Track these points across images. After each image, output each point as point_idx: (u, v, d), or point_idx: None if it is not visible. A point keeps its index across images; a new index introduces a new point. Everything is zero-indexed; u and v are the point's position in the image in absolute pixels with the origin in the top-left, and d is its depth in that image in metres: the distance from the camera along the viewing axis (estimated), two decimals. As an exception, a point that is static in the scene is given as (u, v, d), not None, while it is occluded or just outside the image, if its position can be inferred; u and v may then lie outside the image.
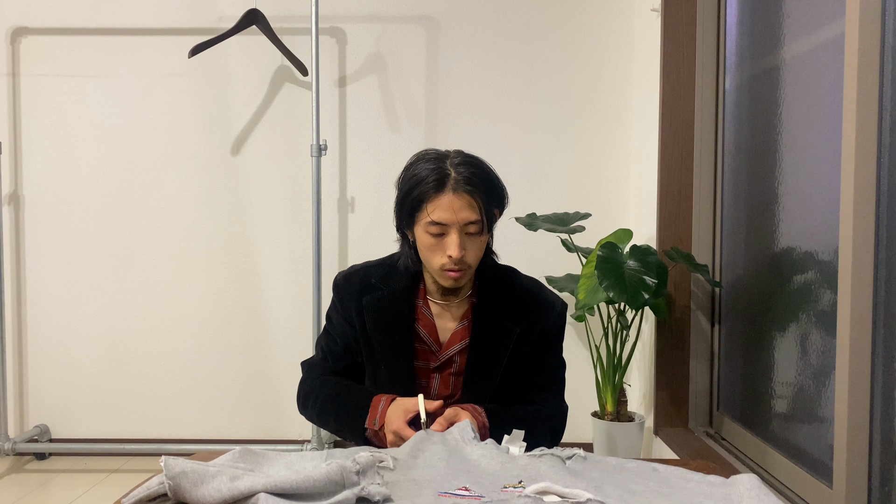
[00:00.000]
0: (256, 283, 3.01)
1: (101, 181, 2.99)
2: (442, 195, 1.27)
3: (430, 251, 1.32)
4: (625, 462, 1.08)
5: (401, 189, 1.34)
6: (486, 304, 1.41)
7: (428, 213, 1.28)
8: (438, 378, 1.40)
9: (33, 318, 3.04)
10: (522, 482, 0.97)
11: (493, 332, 1.39)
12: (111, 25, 2.97)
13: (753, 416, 2.09)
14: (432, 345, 1.40)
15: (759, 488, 0.90)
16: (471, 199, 1.28)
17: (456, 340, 1.40)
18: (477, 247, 1.33)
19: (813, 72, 1.75)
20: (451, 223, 1.28)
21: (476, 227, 1.30)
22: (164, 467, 0.82)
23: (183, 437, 2.97)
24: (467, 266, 1.32)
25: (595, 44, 2.93)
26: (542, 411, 1.41)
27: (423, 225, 1.30)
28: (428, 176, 1.29)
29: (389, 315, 1.40)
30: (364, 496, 0.85)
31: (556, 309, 1.46)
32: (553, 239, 2.73)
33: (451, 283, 1.34)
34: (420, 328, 1.40)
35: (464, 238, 1.29)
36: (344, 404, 1.37)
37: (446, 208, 1.27)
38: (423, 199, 1.29)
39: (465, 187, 1.28)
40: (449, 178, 1.28)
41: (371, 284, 1.42)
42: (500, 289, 1.43)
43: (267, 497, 0.78)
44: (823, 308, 1.68)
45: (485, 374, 1.39)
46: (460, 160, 1.31)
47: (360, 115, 2.98)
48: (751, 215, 2.12)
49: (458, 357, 1.40)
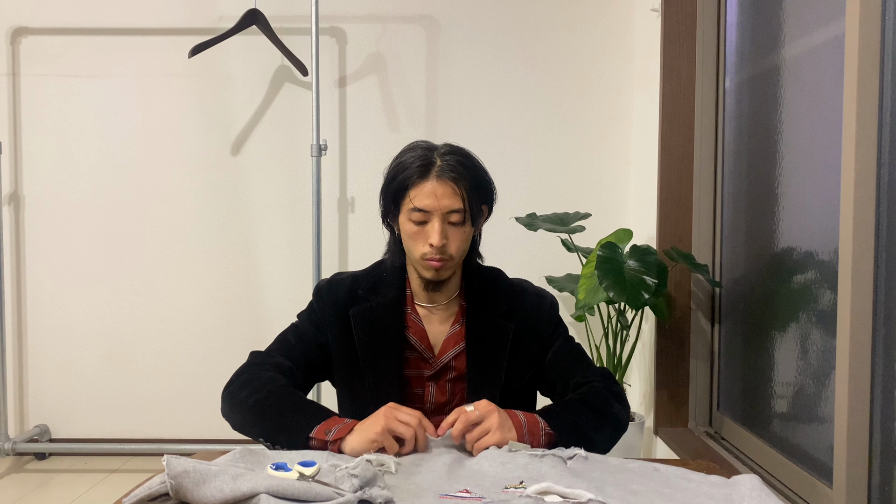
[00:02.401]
0: (256, 283, 3.01)
1: (101, 181, 2.99)
2: (425, 181, 1.26)
3: (412, 239, 1.29)
4: (626, 462, 1.08)
5: (386, 178, 1.33)
6: (477, 304, 1.38)
7: (411, 199, 1.26)
8: (434, 386, 1.37)
9: (33, 318, 3.04)
10: (524, 482, 0.97)
11: (489, 332, 1.36)
12: (111, 25, 2.97)
13: (753, 416, 2.09)
14: (425, 351, 1.36)
15: (761, 489, 0.90)
16: (454, 187, 1.26)
17: (451, 345, 1.37)
18: (460, 237, 1.30)
19: (813, 72, 1.76)
20: (433, 210, 1.26)
21: (458, 217, 1.27)
22: (166, 466, 0.82)
23: (183, 437, 2.97)
24: (449, 256, 1.29)
25: (595, 44, 2.93)
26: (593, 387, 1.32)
27: (405, 212, 1.28)
28: (413, 163, 1.27)
29: (378, 327, 1.35)
30: (366, 499, 0.85)
31: (545, 300, 1.44)
32: (553, 239, 2.73)
33: (432, 273, 1.31)
34: (410, 336, 1.36)
35: (446, 227, 1.27)
36: (295, 405, 1.23)
37: (429, 194, 1.25)
38: (406, 184, 1.27)
39: (449, 174, 1.26)
40: (433, 166, 1.27)
41: (358, 295, 1.38)
42: (488, 289, 1.41)
43: (269, 498, 0.78)
44: (823, 308, 1.68)
45: (488, 375, 1.35)
46: (447, 150, 1.31)
47: (360, 115, 2.98)
48: (751, 215, 2.12)
49: (454, 362, 1.36)
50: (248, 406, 1.25)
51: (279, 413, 1.22)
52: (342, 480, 0.88)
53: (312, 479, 0.87)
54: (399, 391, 1.34)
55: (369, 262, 1.49)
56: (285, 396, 1.26)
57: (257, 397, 1.25)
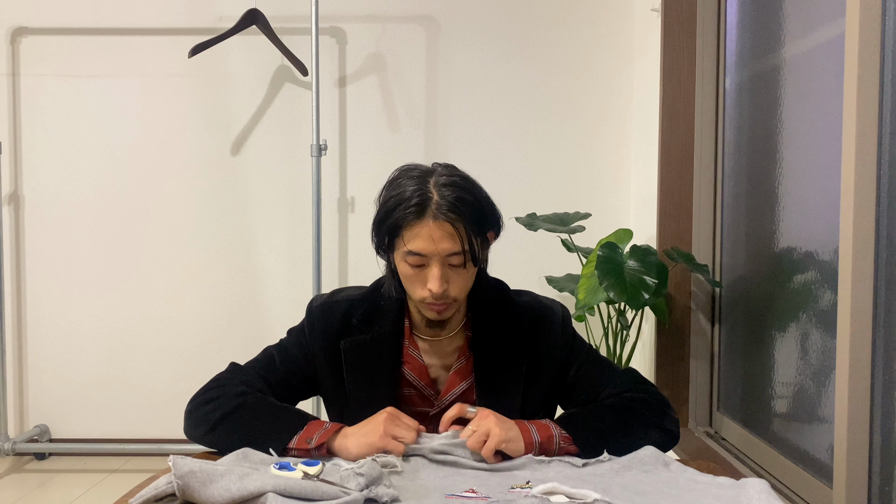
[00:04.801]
0: (256, 283, 3.01)
1: (101, 181, 2.99)
2: (421, 223, 1.13)
3: (409, 282, 1.19)
4: (638, 451, 1.08)
5: (379, 209, 1.20)
6: (484, 335, 1.27)
7: (405, 241, 1.14)
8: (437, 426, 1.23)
9: (33, 318, 3.04)
10: (530, 482, 0.97)
11: (499, 366, 1.26)
12: (111, 25, 2.97)
13: (753, 416, 2.09)
14: (424, 388, 1.26)
15: (769, 493, 0.90)
16: (452, 229, 1.13)
17: (456, 382, 1.26)
18: (462, 279, 1.19)
19: (813, 72, 1.76)
20: (430, 254, 1.14)
21: (459, 259, 1.15)
22: (173, 466, 0.82)
23: (183, 437, 2.95)
24: (452, 299, 1.18)
25: (595, 44, 2.93)
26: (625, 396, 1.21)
27: (401, 254, 1.17)
28: (409, 198, 1.14)
29: (371, 364, 1.25)
30: (372, 497, 0.85)
31: (557, 317, 1.33)
32: (553, 239, 2.73)
33: (435, 316, 1.21)
34: (408, 371, 1.26)
35: (446, 270, 1.16)
36: (270, 413, 1.17)
37: (426, 238, 1.13)
38: (400, 224, 1.14)
39: (448, 215, 1.13)
40: (430, 203, 1.13)
41: (352, 325, 1.27)
42: (495, 315, 1.29)
43: (276, 497, 0.79)
44: (823, 308, 1.68)
45: (501, 413, 1.17)
46: (445, 180, 1.16)
47: (360, 115, 2.98)
48: (751, 215, 2.12)
49: (460, 400, 1.25)
50: (218, 416, 1.16)
51: (249, 426, 1.14)
52: (348, 479, 0.88)
53: (317, 478, 0.88)
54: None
55: (369, 262, 1.40)
56: (256, 406, 1.17)
57: (223, 411, 1.16)
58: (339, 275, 3.01)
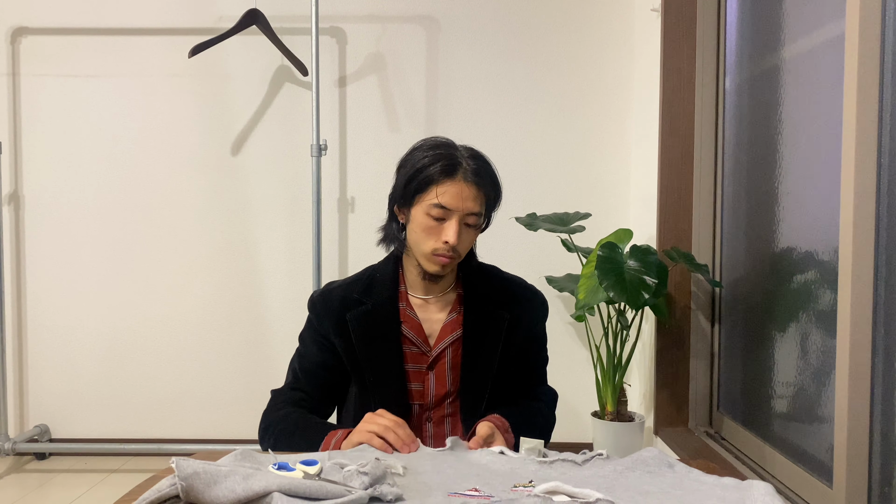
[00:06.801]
0: (256, 283, 3.01)
1: (101, 181, 2.99)
2: (452, 181, 1.29)
3: (425, 233, 1.32)
4: (641, 452, 1.08)
5: (408, 166, 1.34)
6: (474, 292, 1.43)
7: (437, 195, 1.29)
8: (433, 376, 1.39)
9: (33, 318, 3.04)
10: (532, 482, 0.97)
11: (486, 319, 1.41)
12: (111, 25, 2.97)
13: (753, 416, 2.10)
14: (422, 345, 1.39)
15: (774, 496, 0.90)
16: (477, 192, 1.31)
17: (447, 332, 1.40)
18: (470, 239, 1.36)
19: (813, 72, 1.76)
20: (455, 209, 1.29)
21: (475, 220, 1.32)
22: (176, 468, 0.82)
23: (183, 437, 2.97)
24: (458, 255, 1.34)
25: (595, 44, 2.93)
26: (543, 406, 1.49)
27: (425, 206, 1.31)
28: (440, 160, 1.30)
29: (376, 327, 1.38)
30: (376, 496, 0.85)
31: (539, 297, 1.50)
32: (553, 239, 2.73)
33: (437, 268, 1.34)
34: (407, 330, 1.39)
35: (462, 227, 1.31)
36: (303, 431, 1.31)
37: (455, 195, 1.29)
38: (432, 179, 1.30)
39: (475, 178, 1.31)
40: (460, 167, 1.30)
41: (353, 299, 1.41)
42: (484, 279, 1.46)
43: (281, 497, 0.79)
44: (823, 308, 1.68)
45: (482, 363, 1.39)
46: (470, 154, 1.34)
47: (360, 115, 2.98)
48: (751, 215, 2.13)
49: (449, 350, 1.39)
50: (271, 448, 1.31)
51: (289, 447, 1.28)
52: (351, 478, 0.88)
53: (318, 476, 0.88)
54: (400, 388, 1.37)
55: (369, 262, 1.50)
56: (290, 427, 1.31)
57: (272, 441, 1.33)
58: (339, 274, 3.01)
